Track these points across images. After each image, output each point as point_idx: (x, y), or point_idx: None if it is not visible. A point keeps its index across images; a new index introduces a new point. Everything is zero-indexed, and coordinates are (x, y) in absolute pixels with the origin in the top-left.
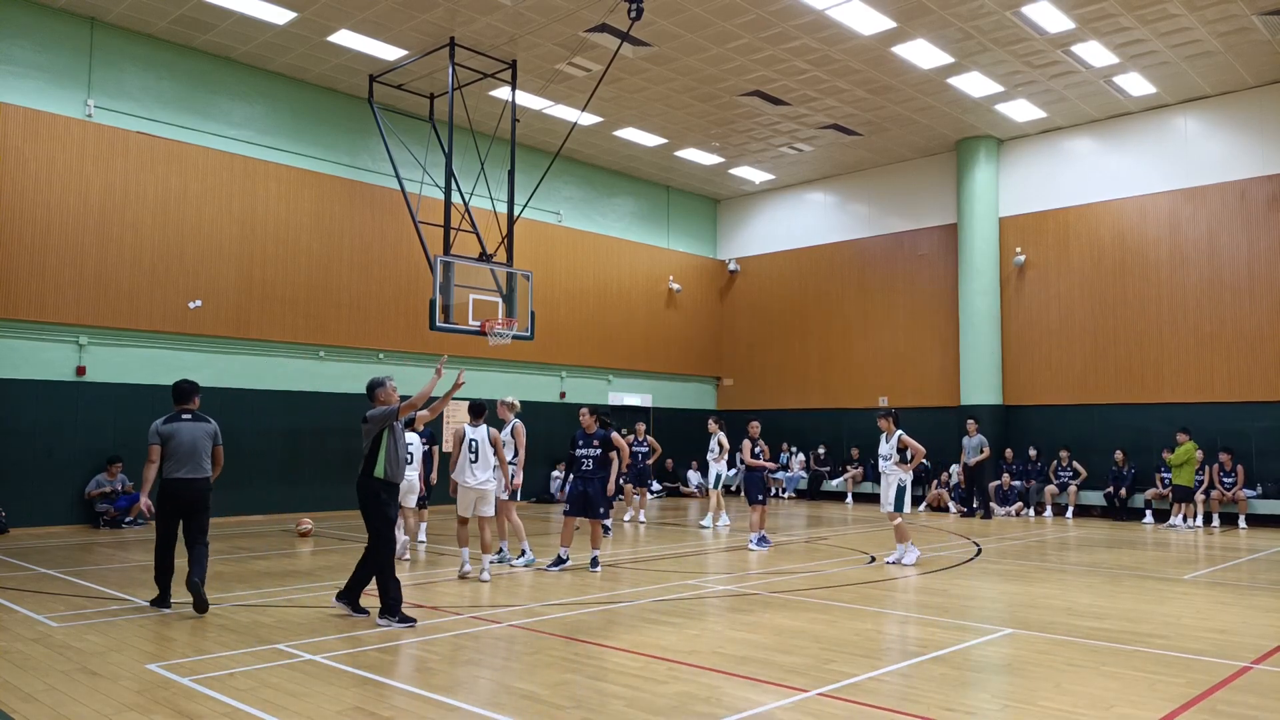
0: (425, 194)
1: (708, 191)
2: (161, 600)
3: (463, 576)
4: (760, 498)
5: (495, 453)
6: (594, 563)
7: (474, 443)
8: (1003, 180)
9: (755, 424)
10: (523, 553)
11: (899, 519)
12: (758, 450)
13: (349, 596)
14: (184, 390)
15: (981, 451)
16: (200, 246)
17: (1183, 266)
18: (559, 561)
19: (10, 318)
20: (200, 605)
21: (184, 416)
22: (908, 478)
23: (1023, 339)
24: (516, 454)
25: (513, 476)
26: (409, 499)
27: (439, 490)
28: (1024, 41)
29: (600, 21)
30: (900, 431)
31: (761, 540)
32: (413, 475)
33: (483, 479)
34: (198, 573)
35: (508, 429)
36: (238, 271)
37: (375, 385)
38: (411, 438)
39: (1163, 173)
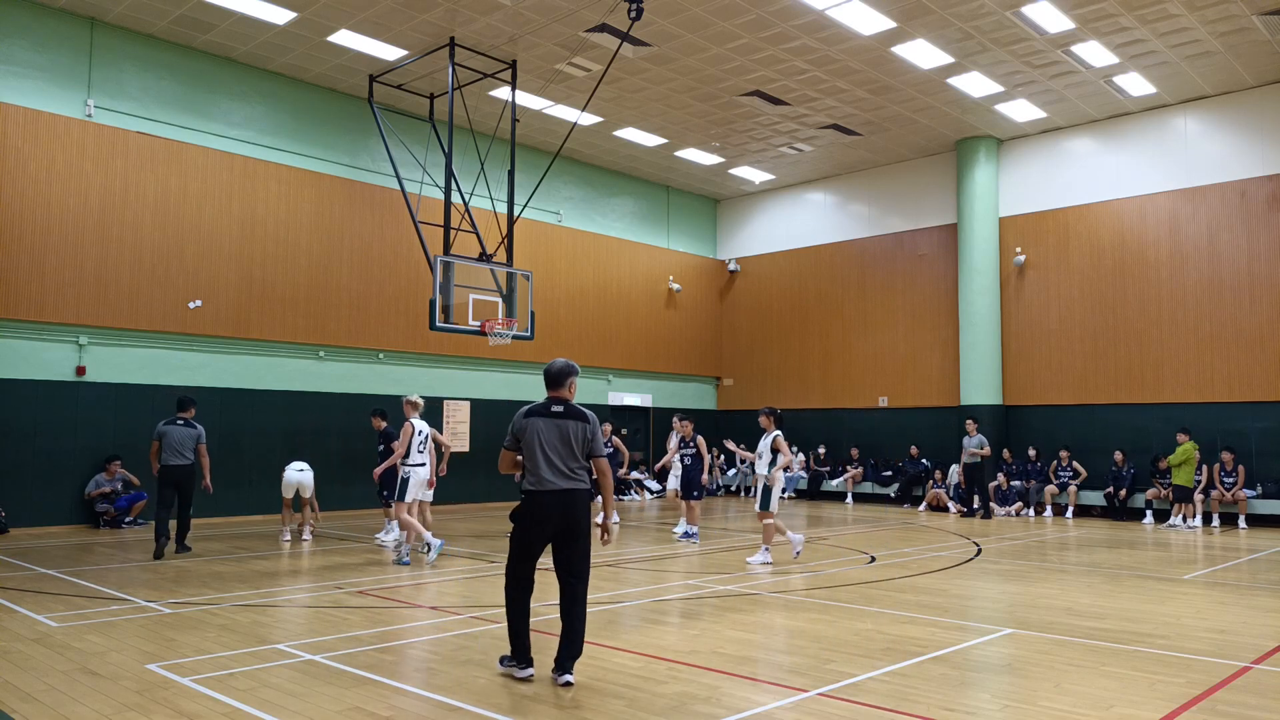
0: (425, 194)
1: (708, 191)
2: (158, 553)
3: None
4: (695, 494)
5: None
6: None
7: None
8: (1003, 180)
9: (686, 422)
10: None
11: (770, 519)
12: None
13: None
14: (180, 402)
15: (981, 449)
16: (200, 246)
17: (1183, 266)
18: None
19: (10, 318)
20: (181, 549)
21: (178, 421)
22: (775, 478)
23: (1022, 339)
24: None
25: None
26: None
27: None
28: (1024, 41)
29: (600, 21)
30: (778, 433)
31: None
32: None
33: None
34: (180, 534)
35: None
36: (238, 271)
37: (575, 372)
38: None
39: (1163, 173)
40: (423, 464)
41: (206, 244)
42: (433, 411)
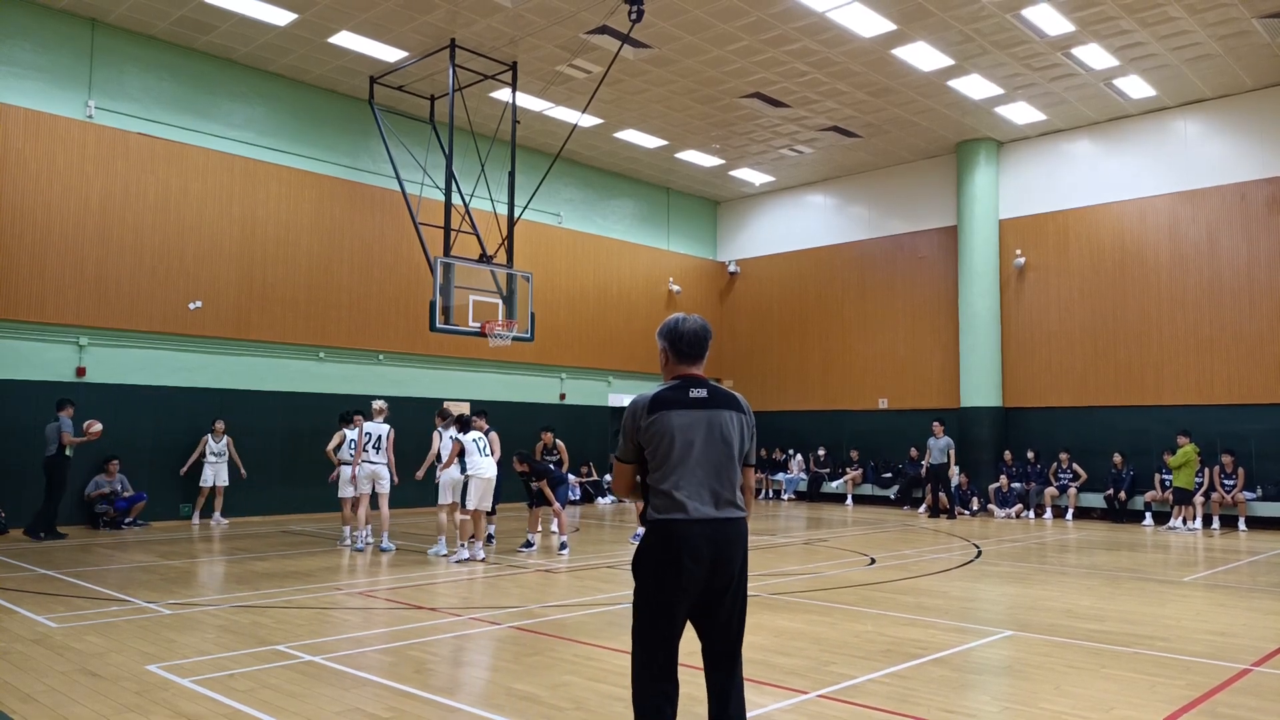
0: (425, 195)
1: (708, 193)
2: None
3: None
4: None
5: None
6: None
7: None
8: (1003, 182)
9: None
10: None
11: (465, 515)
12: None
13: None
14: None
15: (946, 455)
16: (200, 247)
17: (1182, 269)
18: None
19: (10, 318)
20: None
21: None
22: (450, 474)
23: (1022, 341)
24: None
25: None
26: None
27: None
28: (1024, 44)
29: (601, 23)
30: (448, 432)
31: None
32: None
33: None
34: None
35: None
36: (238, 272)
37: (711, 336)
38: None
39: (1162, 175)
40: (368, 462)
41: (207, 245)
42: (431, 413)
